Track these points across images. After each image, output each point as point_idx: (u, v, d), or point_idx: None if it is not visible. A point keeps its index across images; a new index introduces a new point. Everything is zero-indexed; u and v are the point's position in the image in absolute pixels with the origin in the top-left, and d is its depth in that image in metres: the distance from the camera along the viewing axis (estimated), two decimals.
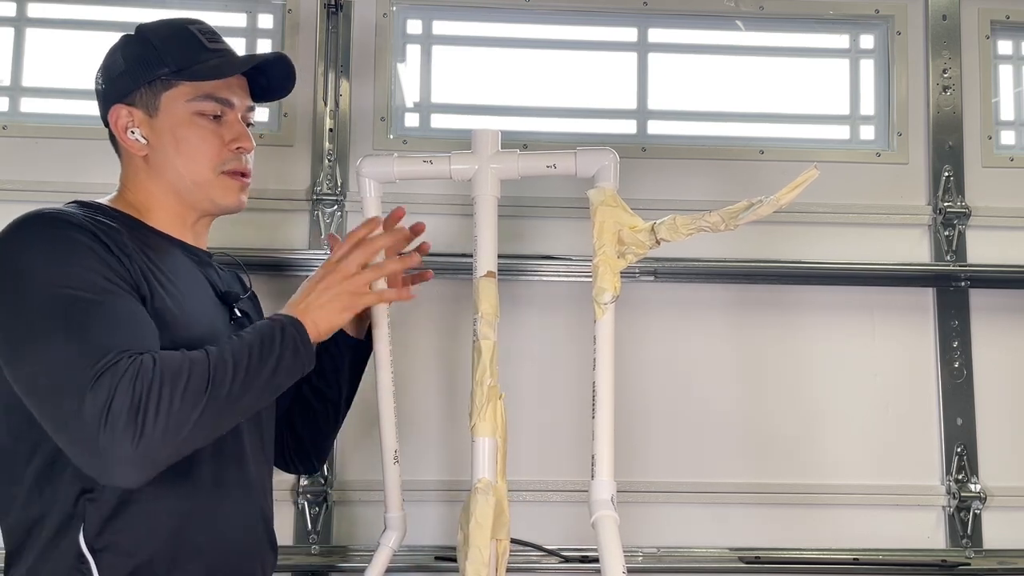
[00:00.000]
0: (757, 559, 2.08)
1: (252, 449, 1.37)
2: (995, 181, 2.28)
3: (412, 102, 2.28)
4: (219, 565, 1.29)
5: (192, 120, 1.35)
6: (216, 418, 1.16)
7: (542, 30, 2.32)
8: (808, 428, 2.19)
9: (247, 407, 1.21)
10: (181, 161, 1.35)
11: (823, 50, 2.39)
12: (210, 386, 1.13)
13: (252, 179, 1.42)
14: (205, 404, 1.13)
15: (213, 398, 1.14)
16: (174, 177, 1.36)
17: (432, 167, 1.48)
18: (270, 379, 1.21)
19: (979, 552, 2.16)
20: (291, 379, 1.26)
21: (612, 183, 1.41)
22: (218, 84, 1.36)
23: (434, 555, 2.05)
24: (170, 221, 1.38)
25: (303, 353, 1.26)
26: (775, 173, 2.18)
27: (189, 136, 1.34)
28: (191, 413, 1.11)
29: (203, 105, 1.35)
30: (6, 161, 2.13)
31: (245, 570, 1.35)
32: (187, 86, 1.34)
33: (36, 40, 2.23)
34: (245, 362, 1.19)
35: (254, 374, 1.19)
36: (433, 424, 2.13)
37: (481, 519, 1.34)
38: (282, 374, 1.23)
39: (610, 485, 1.34)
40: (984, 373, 2.22)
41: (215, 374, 1.15)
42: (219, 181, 1.37)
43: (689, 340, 2.20)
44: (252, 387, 1.19)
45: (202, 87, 1.35)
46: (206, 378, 1.14)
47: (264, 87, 1.44)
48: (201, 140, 1.35)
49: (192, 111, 1.34)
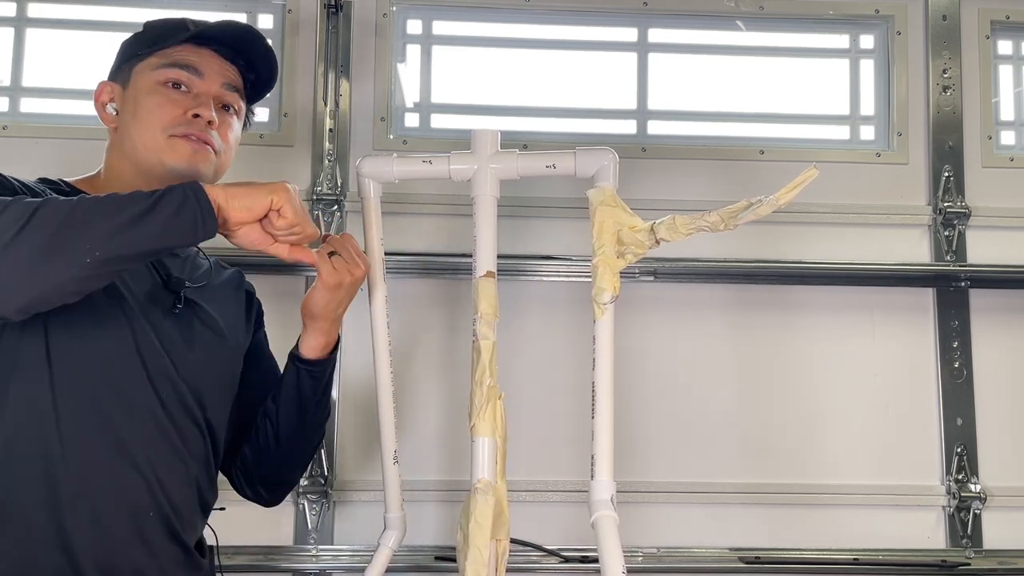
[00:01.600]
0: (757, 559, 2.08)
1: (145, 448, 1.26)
2: (995, 181, 2.28)
3: (412, 102, 2.28)
4: (88, 552, 1.20)
5: (155, 88, 1.33)
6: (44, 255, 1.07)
7: (542, 30, 2.32)
8: (808, 428, 2.19)
9: (93, 249, 1.09)
10: (136, 126, 1.33)
11: (823, 50, 2.39)
12: (25, 225, 1.07)
13: (223, 159, 1.36)
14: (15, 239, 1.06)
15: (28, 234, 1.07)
16: (129, 146, 1.34)
17: (432, 167, 1.48)
18: (130, 225, 1.10)
19: (979, 552, 2.16)
20: (167, 234, 1.13)
21: (612, 183, 1.41)
22: (187, 54, 1.34)
23: (434, 555, 2.05)
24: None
25: (190, 211, 1.13)
26: (775, 173, 2.17)
27: (148, 102, 1.32)
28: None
29: (168, 72, 1.33)
30: (6, 161, 2.12)
31: (127, 564, 1.24)
32: (156, 56, 1.34)
33: (36, 40, 2.23)
34: (92, 205, 1.10)
35: (104, 216, 1.10)
36: (433, 424, 2.13)
37: (481, 519, 1.34)
38: (151, 224, 1.11)
39: (610, 485, 1.34)
40: (984, 373, 2.22)
41: (37, 213, 1.08)
42: (168, 143, 1.31)
43: (689, 340, 2.20)
44: (96, 230, 1.09)
45: (169, 55, 1.34)
46: (22, 215, 1.07)
47: (254, 82, 1.42)
48: (158, 106, 1.32)
49: (156, 80, 1.33)
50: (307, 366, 1.42)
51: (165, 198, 1.12)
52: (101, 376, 1.23)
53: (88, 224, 1.09)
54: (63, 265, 1.08)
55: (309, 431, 1.46)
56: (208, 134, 1.33)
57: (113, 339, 1.24)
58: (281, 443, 1.45)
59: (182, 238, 1.15)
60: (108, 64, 1.40)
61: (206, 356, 1.36)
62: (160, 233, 1.12)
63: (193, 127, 1.32)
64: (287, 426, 1.44)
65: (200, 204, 1.14)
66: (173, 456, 1.29)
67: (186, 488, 1.32)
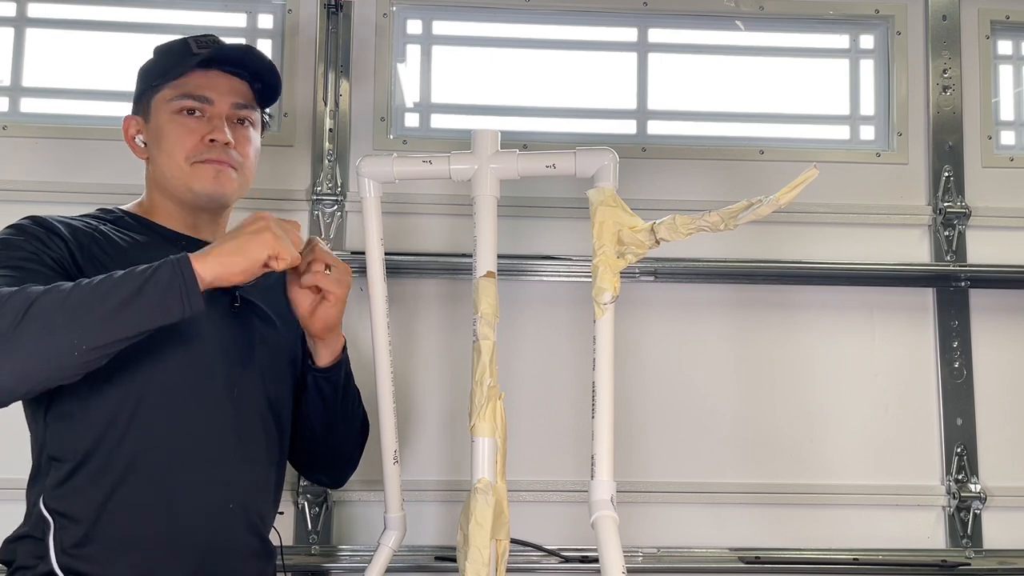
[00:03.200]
0: (757, 559, 2.08)
1: (222, 447, 1.38)
2: (995, 181, 2.28)
3: (412, 102, 2.28)
4: (171, 558, 1.33)
5: (172, 119, 1.44)
6: (36, 345, 1.15)
7: (542, 30, 2.32)
8: (808, 428, 2.19)
9: (84, 338, 1.16)
10: (162, 157, 1.45)
11: (823, 50, 2.39)
12: (23, 318, 1.14)
13: (246, 172, 1.47)
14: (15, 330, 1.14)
15: (24, 325, 1.14)
16: (160, 175, 1.46)
17: (432, 167, 1.49)
18: (117, 312, 1.16)
19: (979, 552, 2.16)
20: (152, 316, 1.19)
21: (612, 183, 1.42)
22: (198, 82, 1.44)
23: (434, 555, 2.05)
24: (170, 217, 1.47)
25: (176, 291, 1.18)
26: (775, 173, 2.18)
27: (169, 133, 1.44)
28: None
29: (181, 103, 1.44)
30: (6, 161, 2.12)
31: (219, 566, 1.37)
32: (169, 88, 1.45)
33: (36, 40, 2.23)
34: (86, 294, 1.17)
35: (94, 304, 1.16)
36: (433, 424, 2.13)
37: (481, 519, 1.34)
38: (138, 309, 1.17)
39: (610, 485, 1.34)
40: (984, 373, 2.22)
41: (34, 306, 1.15)
42: (192, 170, 1.43)
43: (689, 340, 2.20)
44: (87, 318, 1.16)
45: (181, 86, 1.44)
46: (21, 308, 1.15)
47: (261, 91, 1.52)
48: (177, 137, 1.43)
49: (172, 110, 1.44)
50: (324, 373, 1.49)
51: (152, 280, 1.18)
52: (180, 381, 1.34)
53: (77, 315, 1.16)
54: (56, 355, 1.16)
55: (343, 422, 1.55)
56: (227, 154, 1.44)
57: (183, 342, 1.33)
58: (321, 437, 1.55)
59: (167, 319, 1.20)
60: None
61: (268, 351, 1.45)
62: (144, 319, 1.18)
63: (212, 152, 1.43)
64: (320, 424, 1.53)
65: (187, 284, 1.19)
66: (245, 452, 1.41)
67: (260, 481, 1.44)
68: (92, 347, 1.16)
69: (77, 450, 1.31)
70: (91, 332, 1.16)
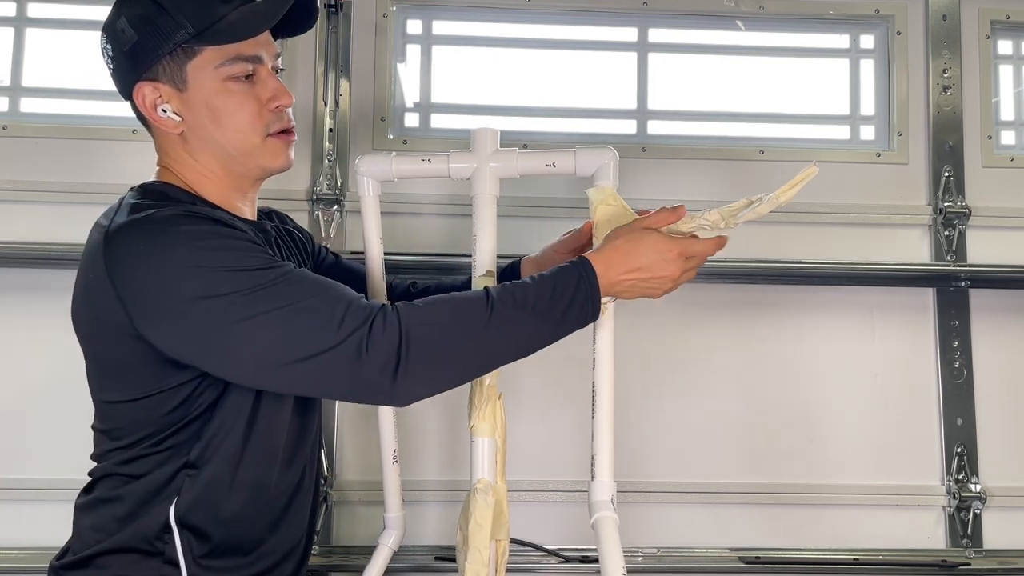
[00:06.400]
0: (757, 559, 2.08)
1: (309, 455, 1.42)
2: (995, 181, 2.28)
3: (412, 102, 2.28)
4: (287, 563, 1.38)
5: (225, 87, 1.26)
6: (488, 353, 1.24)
7: (542, 30, 2.32)
8: (808, 428, 2.19)
9: (526, 346, 1.26)
10: (222, 133, 1.27)
11: (823, 50, 2.39)
12: (488, 323, 1.19)
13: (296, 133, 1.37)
14: (477, 339, 1.20)
15: (488, 334, 1.20)
16: (217, 151, 1.29)
17: (431, 166, 1.48)
18: (559, 322, 1.25)
19: (979, 552, 2.16)
20: (569, 329, 1.28)
21: (612, 182, 1.42)
22: (244, 41, 1.26)
23: (434, 555, 2.04)
24: (223, 195, 1.32)
25: (590, 308, 1.28)
26: (775, 173, 2.17)
27: (226, 106, 1.26)
28: (459, 349, 1.20)
29: (233, 68, 1.26)
30: (6, 161, 2.12)
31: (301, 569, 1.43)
32: (212, 51, 1.25)
33: (36, 40, 2.23)
34: (533, 300, 1.23)
35: (543, 314, 1.24)
36: (432, 424, 2.13)
37: (480, 519, 1.34)
38: (569, 320, 1.26)
39: (610, 486, 1.34)
40: (984, 373, 2.22)
41: (494, 311, 1.20)
42: (267, 145, 1.30)
43: (689, 340, 2.20)
44: (537, 327, 1.24)
45: (228, 49, 1.25)
46: (484, 315, 1.19)
47: (281, 24, 1.32)
48: (239, 107, 1.27)
49: (223, 77, 1.26)
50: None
51: (576, 299, 1.26)
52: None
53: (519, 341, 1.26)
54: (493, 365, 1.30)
55: None
56: (291, 120, 1.35)
57: None
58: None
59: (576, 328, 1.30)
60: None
61: None
62: (567, 330, 1.28)
63: (281, 121, 1.32)
64: None
65: (592, 303, 1.28)
66: (313, 453, 1.44)
67: (311, 476, 1.45)
68: (524, 352, 1.27)
69: (225, 461, 1.27)
70: (538, 339, 1.27)
